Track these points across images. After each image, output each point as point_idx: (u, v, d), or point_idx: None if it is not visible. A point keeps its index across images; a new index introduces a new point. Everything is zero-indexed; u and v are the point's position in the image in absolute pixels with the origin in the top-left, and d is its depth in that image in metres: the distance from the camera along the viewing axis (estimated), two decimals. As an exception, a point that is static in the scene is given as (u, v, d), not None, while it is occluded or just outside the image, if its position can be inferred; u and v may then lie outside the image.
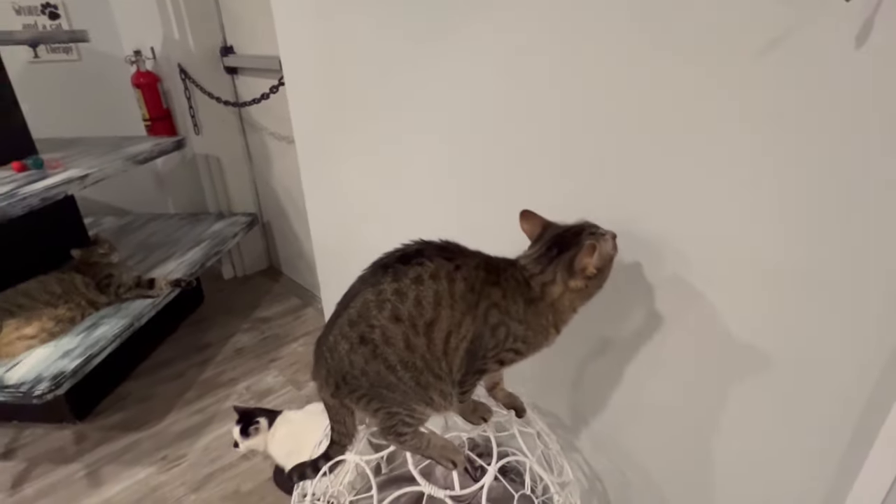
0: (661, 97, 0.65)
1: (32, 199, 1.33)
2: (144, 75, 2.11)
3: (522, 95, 0.81)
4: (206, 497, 1.31)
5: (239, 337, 1.98)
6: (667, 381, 0.78)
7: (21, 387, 1.24)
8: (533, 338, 0.66)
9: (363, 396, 0.68)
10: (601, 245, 0.62)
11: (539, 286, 0.64)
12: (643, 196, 0.71)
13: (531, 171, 0.85)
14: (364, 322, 0.63)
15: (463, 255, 0.67)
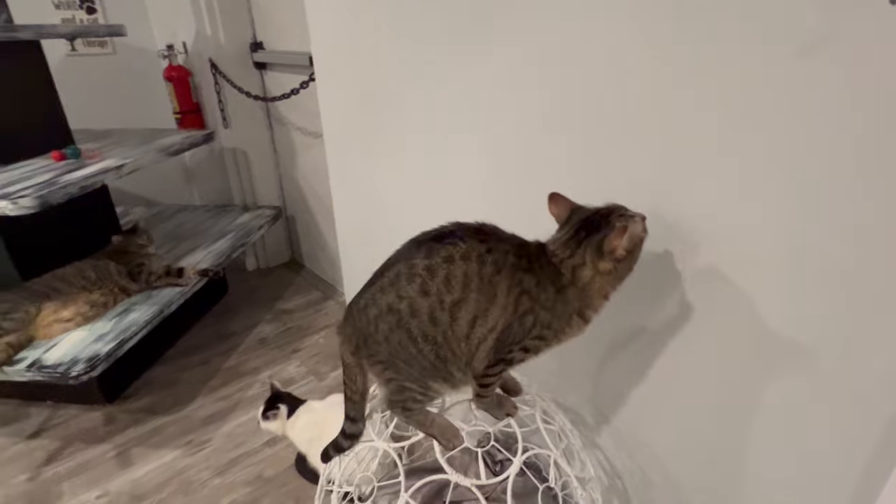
0: (701, 90, 0.65)
1: (72, 187, 1.38)
2: (176, 69, 2.16)
3: (552, 93, 0.82)
4: (230, 481, 1.34)
5: (262, 327, 2.02)
6: (691, 379, 0.78)
7: (58, 367, 1.29)
8: (557, 324, 0.66)
9: (380, 363, 0.70)
10: (631, 227, 0.61)
11: (569, 270, 0.64)
12: (676, 184, 0.71)
13: (559, 168, 0.85)
14: (394, 292, 0.65)
15: (497, 238, 0.67)
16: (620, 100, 0.73)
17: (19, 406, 1.61)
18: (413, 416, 0.74)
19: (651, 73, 0.69)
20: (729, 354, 0.72)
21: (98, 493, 1.31)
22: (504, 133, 0.93)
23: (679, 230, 0.72)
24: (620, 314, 0.85)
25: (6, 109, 1.55)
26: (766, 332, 0.67)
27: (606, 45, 0.72)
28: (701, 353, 0.76)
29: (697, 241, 0.71)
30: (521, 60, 0.85)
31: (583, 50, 0.75)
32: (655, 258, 0.76)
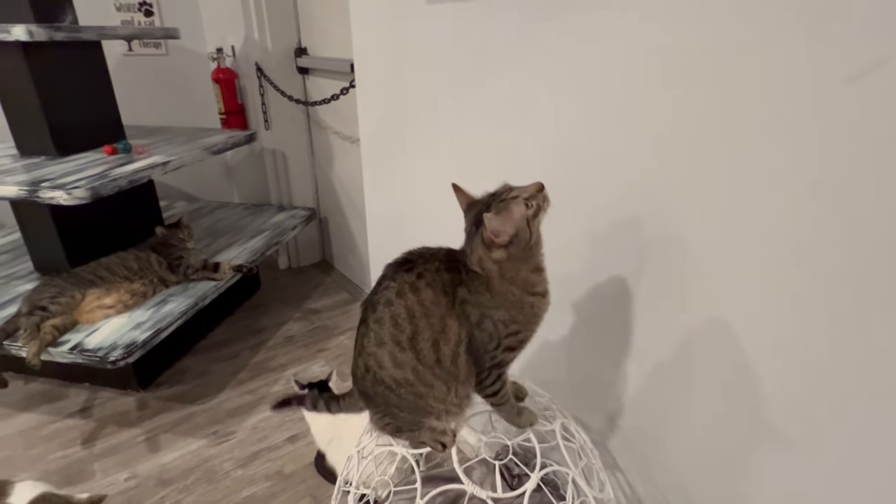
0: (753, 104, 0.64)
1: (121, 180, 1.45)
2: (224, 72, 2.25)
3: (589, 102, 0.81)
4: (252, 474, 1.37)
5: (290, 325, 2.07)
6: (720, 405, 0.76)
7: (98, 352, 1.35)
8: (518, 314, 0.66)
9: (378, 413, 0.76)
10: (506, 210, 0.61)
11: (478, 267, 0.65)
12: (704, 196, 0.70)
13: (597, 173, 0.85)
14: (365, 352, 0.70)
15: (424, 260, 0.69)
16: (669, 104, 0.72)
17: (60, 386, 1.69)
18: (402, 436, 0.79)
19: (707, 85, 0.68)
20: (760, 378, 0.70)
21: (127, 475, 1.37)
22: (541, 143, 0.93)
23: (714, 242, 0.71)
24: (642, 333, 0.84)
25: (68, 105, 1.64)
26: (788, 355, 0.65)
27: (649, 48, 0.72)
28: (724, 376, 0.74)
29: (728, 257, 0.69)
30: (559, 70, 0.85)
31: (622, 59, 0.75)
32: (677, 274, 0.75)
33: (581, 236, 0.89)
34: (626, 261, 0.84)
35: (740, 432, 0.74)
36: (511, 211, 0.62)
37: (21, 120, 1.61)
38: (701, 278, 0.73)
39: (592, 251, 0.89)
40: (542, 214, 0.65)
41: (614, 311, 0.88)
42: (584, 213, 0.88)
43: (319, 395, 0.87)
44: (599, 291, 0.91)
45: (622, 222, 0.82)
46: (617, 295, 0.87)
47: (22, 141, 1.65)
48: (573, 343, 0.99)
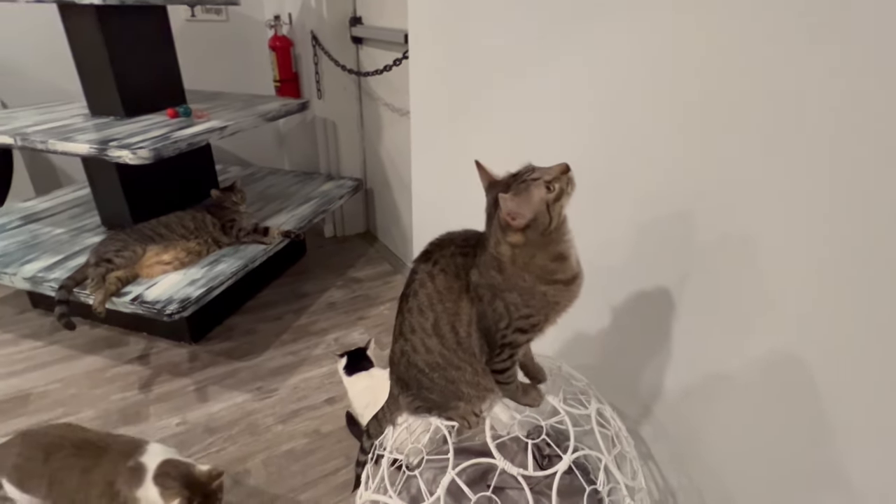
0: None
1: (181, 143, 1.51)
2: (280, 39, 2.28)
3: (647, 84, 0.78)
4: (291, 430, 1.44)
5: (332, 292, 2.13)
6: (764, 402, 0.74)
7: (156, 304, 1.43)
8: (532, 300, 0.64)
9: (411, 396, 0.78)
10: (525, 192, 0.58)
11: (494, 251, 0.63)
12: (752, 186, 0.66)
13: (652, 157, 0.82)
14: (401, 338, 0.73)
15: (442, 246, 0.69)
16: (725, 93, 0.68)
17: (121, 334, 1.81)
18: (433, 411, 0.80)
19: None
20: (812, 382, 0.67)
21: (178, 421, 1.46)
22: (596, 120, 0.90)
23: (755, 230, 0.67)
24: (691, 329, 0.81)
25: (135, 67, 1.71)
26: (841, 345, 0.61)
27: (710, 38, 0.68)
28: (769, 367, 0.70)
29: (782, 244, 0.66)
30: (619, 48, 0.81)
31: (687, 40, 0.71)
32: (720, 260, 0.71)
33: (628, 227, 0.87)
34: (674, 255, 0.81)
35: (785, 434, 0.71)
36: (530, 193, 0.59)
37: (93, 81, 1.70)
38: (757, 278, 0.69)
39: (640, 242, 0.87)
40: (565, 199, 0.60)
41: (658, 304, 0.85)
42: (633, 203, 0.85)
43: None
44: (644, 283, 0.88)
45: (674, 215, 0.79)
46: (662, 288, 0.84)
47: (93, 101, 1.74)
48: (613, 331, 0.97)
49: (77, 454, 1.06)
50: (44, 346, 1.74)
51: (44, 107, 1.87)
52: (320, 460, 1.35)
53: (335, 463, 1.34)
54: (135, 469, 1.03)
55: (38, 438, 1.09)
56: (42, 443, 1.07)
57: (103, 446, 1.08)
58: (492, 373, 0.72)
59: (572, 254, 0.64)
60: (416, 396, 0.77)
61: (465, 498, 1.00)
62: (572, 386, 0.89)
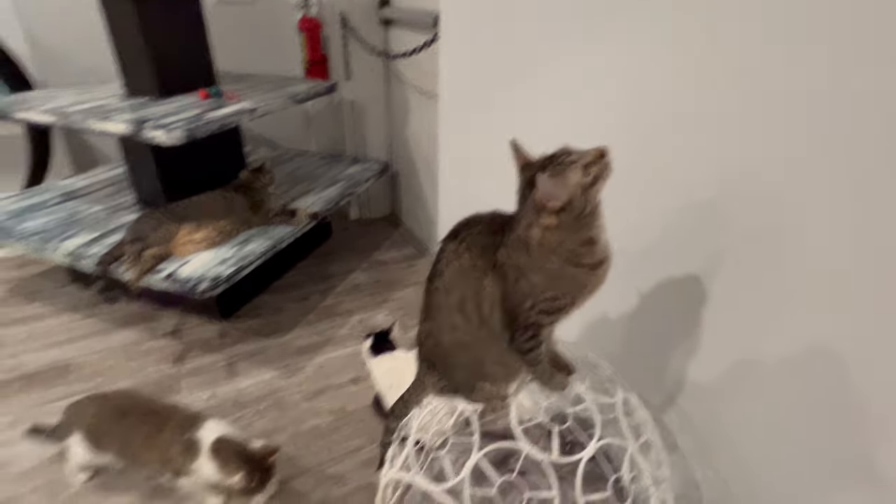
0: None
1: (213, 124, 1.53)
2: (309, 21, 2.28)
3: (692, 72, 0.75)
4: (317, 407, 1.48)
5: (357, 274, 2.15)
6: (795, 385, 0.72)
7: (188, 282, 1.48)
8: (558, 282, 0.64)
9: (437, 376, 0.78)
10: (561, 175, 0.58)
11: (524, 233, 0.63)
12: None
13: (681, 148, 0.80)
14: (428, 319, 0.74)
15: (469, 226, 0.70)
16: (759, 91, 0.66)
17: (155, 310, 1.87)
18: (460, 392, 0.81)
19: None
20: (849, 382, 0.65)
21: (208, 395, 1.51)
22: (629, 105, 0.88)
23: (787, 211, 0.65)
24: (724, 321, 0.80)
25: (168, 49, 1.73)
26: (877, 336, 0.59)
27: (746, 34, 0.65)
28: (806, 355, 0.69)
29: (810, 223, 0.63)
30: (655, 33, 0.79)
31: (722, 24, 0.68)
32: (748, 243, 0.69)
33: (660, 212, 0.85)
34: (706, 242, 0.79)
35: (816, 426, 0.70)
36: (566, 177, 0.58)
37: (129, 62, 1.73)
38: (792, 267, 0.67)
39: (671, 229, 0.85)
40: (600, 183, 0.60)
41: (687, 292, 0.84)
42: (665, 188, 0.83)
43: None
44: (673, 271, 0.87)
45: (708, 202, 0.77)
46: (692, 276, 0.83)
47: (129, 82, 1.77)
48: (640, 319, 0.96)
49: (144, 420, 1.13)
50: (82, 320, 1.81)
51: (82, 87, 1.92)
52: (345, 437, 1.39)
53: (359, 441, 1.37)
54: (191, 442, 1.09)
55: (112, 401, 1.18)
56: (116, 405, 1.17)
57: (166, 416, 1.14)
58: (517, 353, 0.71)
59: (602, 238, 0.64)
60: (442, 376, 0.78)
61: (486, 480, 1.02)
62: (598, 374, 0.89)
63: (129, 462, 1.15)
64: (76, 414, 1.18)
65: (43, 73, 2.24)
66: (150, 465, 1.13)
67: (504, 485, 0.94)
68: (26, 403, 1.46)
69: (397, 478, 0.86)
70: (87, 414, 1.16)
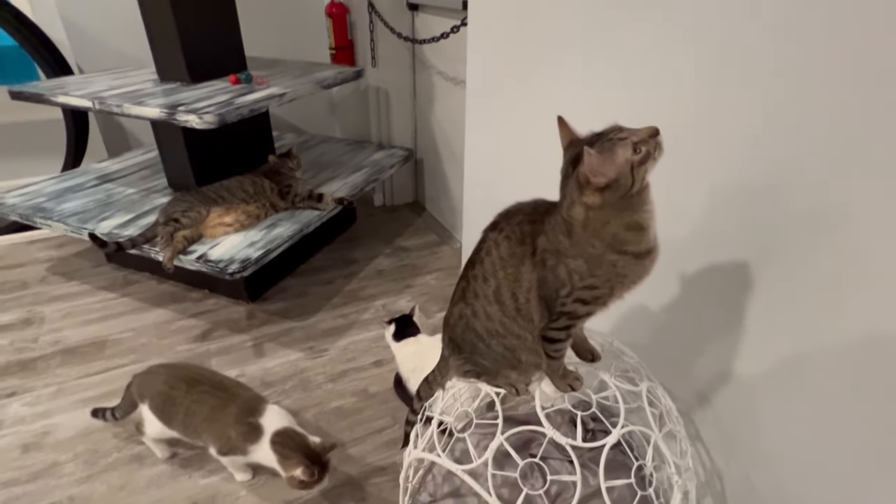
0: None
1: (243, 109, 1.56)
2: (337, 6, 2.28)
3: (740, 52, 0.74)
4: (340, 389, 1.51)
5: (381, 260, 2.17)
6: (833, 384, 0.71)
7: (218, 263, 1.52)
8: (598, 269, 0.62)
9: (462, 359, 0.79)
10: (610, 151, 0.55)
11: (565, 212, 0.61)
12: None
13: (708, 142, 0.78)
14: (462, 302, 0.74)
15: (509, 216, 0.69)
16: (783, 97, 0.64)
17: (186, 290, 1.93)
18: (482, 377, 0.82)
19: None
20: (876, 349, 0.64)
21: (237, 373, 1.56)
22: (655, 101, 0.87)
23: (823, 201, 0.63)
24: (761, 317, 0.79)
25: (201, 34, 1.76)
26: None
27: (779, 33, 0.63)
28: (846, 355, 0.67)
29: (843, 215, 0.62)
30: (697, 24, 0.77)
31: (760, 31, 0.67)
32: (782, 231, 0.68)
33: (697, 199, 0.84)
34: (742, 232, 0.77)
35: (854, 426, 0.69)
36: (615, 153, 0.56)
37: (162, 48, 1.77)
38: (840, 264, 0.65)
39: (707, 217, 0.83)
40: (650, 163, 0.58)
41: (721, 283, 0.83)
42: (705, 173, 0.82)
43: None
44: (706, 260, 0.85)
45: (756, 188, 0.75)
46: (725, 266, 0.81)
47: (162, 67, 1.82)
48: (670, 310, 0.95)
49: (211, 392, 1.15)
50: (117, 298, 1.88)
51: (117, 72, 1.97)
52: (367, 418, 1.42)
53: (381, 422, 1.40)
54: (253, 426, 1.11)
55: (181, 371, 1.20)
56: (185, 376, 1.18)
57: (234, 393, 1.17)
58: (542, 340, 0.70)
59: (651, 226, 0.62)
60: (467, 360, 0.79)
61: (507, 464, 1.03)
62: (623, 362, 0.89)
63: (188, 433, 1.16)
64: (143, 384, 1.19)
65: (81, 59, 2.30)
66: (205, 436, 1.14)
67: (525, 469, 0.95)
68: (68, 376, 1.53)
69: (420, 457, 0.88)
70: (158, 381, 1.17)
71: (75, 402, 1.44)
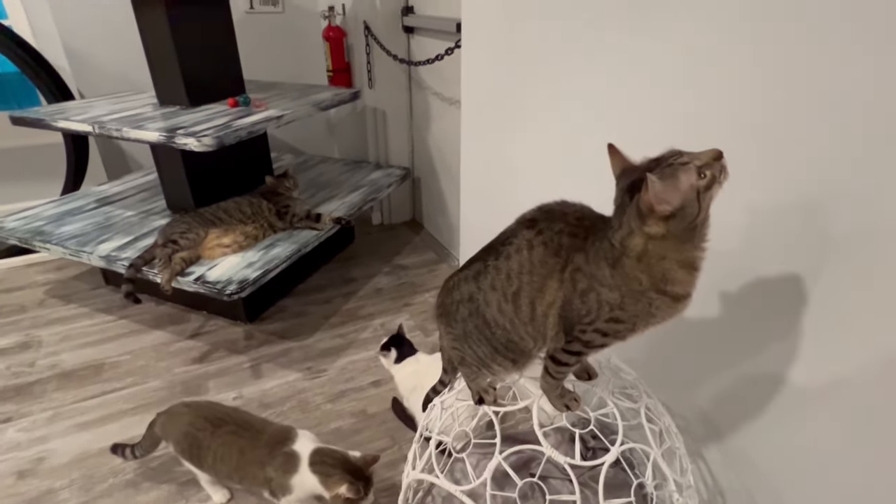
0: None
1: (241, 131, 1.57)
2: (333, 30, 2.33)
3: (698, 89, 0.75)
4: (339, 409, 1.50)
5: (379, 278, 2.18)
6: (829, 399, 0.71)
7: (217, 285, 1.52)
8: (632, 305, 0.59)
9: (453, 337, 0.78)
10: (673, 177, 0.52)
11: (619, 242, 0.58)
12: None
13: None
14: (475, 283, 0.71)
15: (551, 218, 0.66)
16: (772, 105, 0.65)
17: (184, 311, 1.92)
18: (464, 368, 0.83)
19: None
20: (878, 370, 0.64)
21: (235, 395, 1.55)
22: (645, 119, 0.88)
23: (831, 227, 0.64)
24: (743, 310, 0.79)
25: (199, 59, 1.79)
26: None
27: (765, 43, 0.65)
28: (844, 364, 0.67)
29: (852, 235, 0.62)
30: (682, 44, 0.79)
31: (740, 44, 0.68)
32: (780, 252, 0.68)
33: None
34: (750, 250, 0.78)
35: (856, 447, 0.68)
36: (678, 179, 0.53)
37: (161, 72, 1.79)
38: (845, 286, 0.65)
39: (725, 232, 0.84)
40: (716, 188, 0.54)
41: (724, 302, 0.83)
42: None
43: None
44: (709, 278, 0.86)
45: (774, 206, 0.75)
46: (731, 285, 0.82)
47: (161, 91, 1.84)
48: (668, 326, 0.95)
49: (238, 433, 1.10)
50: (115, 320, 1.87)
51: (117, 97, 2.00)
52: (366, 439, 1.40)
53: (380, 443, 1.39)
54: (289, 455, 1.06)
55: (205, 411, 1.13)
56: (210, 416, 1.12)
57: (260, 429, 1.11)
58: (549, 359, 0.70)
59: (701, 268, 0.59)
60: (456, 338, 0.76)
61: (507, 484, 1.02)
62: (621, 379, 0.88)
63: (220, 478, 1.12)
64: (167, 424, 1.14)
65: (81, 84, 2.33)
66: (244, 482, 1.09)
67: (525, 489, 0.94)
68: (64, 400, 1.52)
69: (420, 479, 0.87)
70: (183, 422, 1.12)
71: (71, 426, 1.43)
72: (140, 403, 1.51)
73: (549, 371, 0.72)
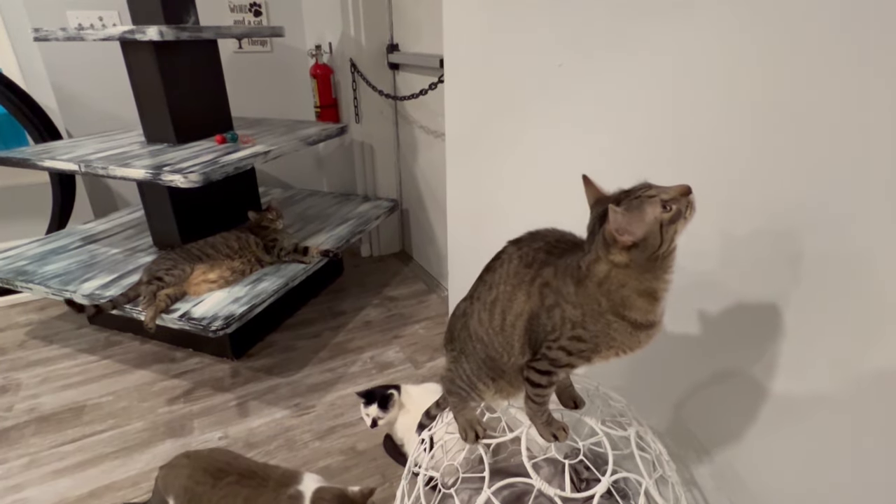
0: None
1: (228, 167, 1.58)
2: (321, 67, 2.38)
3: (681, 112, 0.78)
4: (328, 447, 1.46)
5: (369, 311, 2.16)
6: (825, 417, 0.70)
7: (202, 321, 1.50)
8: (592, 325, 0.61)
9: (452, 353, 0.79)
10: (638, 209, 0.54)
11: (585, 266, 0.60)
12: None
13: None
14: (469, 299, 0.74)
15: (535, 237, 0.70)
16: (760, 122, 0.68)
17: (168, 349, 1.89)
18: (452, 398, 0.82)
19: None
20: (883, 388, 0.63)
21: (220, 434, 1.51)
22: (629, 149, 0.90)
23: (833, 247, 0.65)
24: (735, 331, 0.79)
25: (187, 98, 1.82)
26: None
27: (748, 60, 0.67)
28: (838, 385, 0.67)
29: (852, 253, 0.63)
30: (652, 73, 0.82)
31: (714, 71, 0.71)
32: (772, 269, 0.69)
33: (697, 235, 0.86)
34: (734, 274, 0.79)
35: (852, 473, 0.68)
36: (644, 211, 0.55)
37: (149, 111, 1.81)
38: (831, 304, 0.66)
39: (695, 258, 0.85)
40: (681, 223, 0.56)
41: (709, 323, 0.84)
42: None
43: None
44: (692, 304, 0.86)
45: (760, 227, 0.77)
46: (712, 307, 0.82)
47: (149, 129, 1.86)
48: (656, 351, 0.95)
49: (241, 482, 1.08)
50: (97, 360, 1.83)
51: (104, 135, 2.01)
52: (356, 477, 1.36)
53: (371, 481, 1.35)
54: (294, 497, 1.06)
55: (205, 462, 1.11)
56: (210, 468, 1.10)
57: (264, 476, 1.10)
58: (525, 381, 0.70)
59: (663, 298, 0.61)
60: (455, 360, 0.78)
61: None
62: (610, 407, 0.88)
63: None
64: (167, 478, 1.11)
65: (69, 124, 2.35)
66: None
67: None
68: (42, 445, 1.47)
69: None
70: (182, 475, 1.09)
71: (48, 473, 1.37)
72: (122, 446, 1.46)
73: (529, 394, 0.72)
